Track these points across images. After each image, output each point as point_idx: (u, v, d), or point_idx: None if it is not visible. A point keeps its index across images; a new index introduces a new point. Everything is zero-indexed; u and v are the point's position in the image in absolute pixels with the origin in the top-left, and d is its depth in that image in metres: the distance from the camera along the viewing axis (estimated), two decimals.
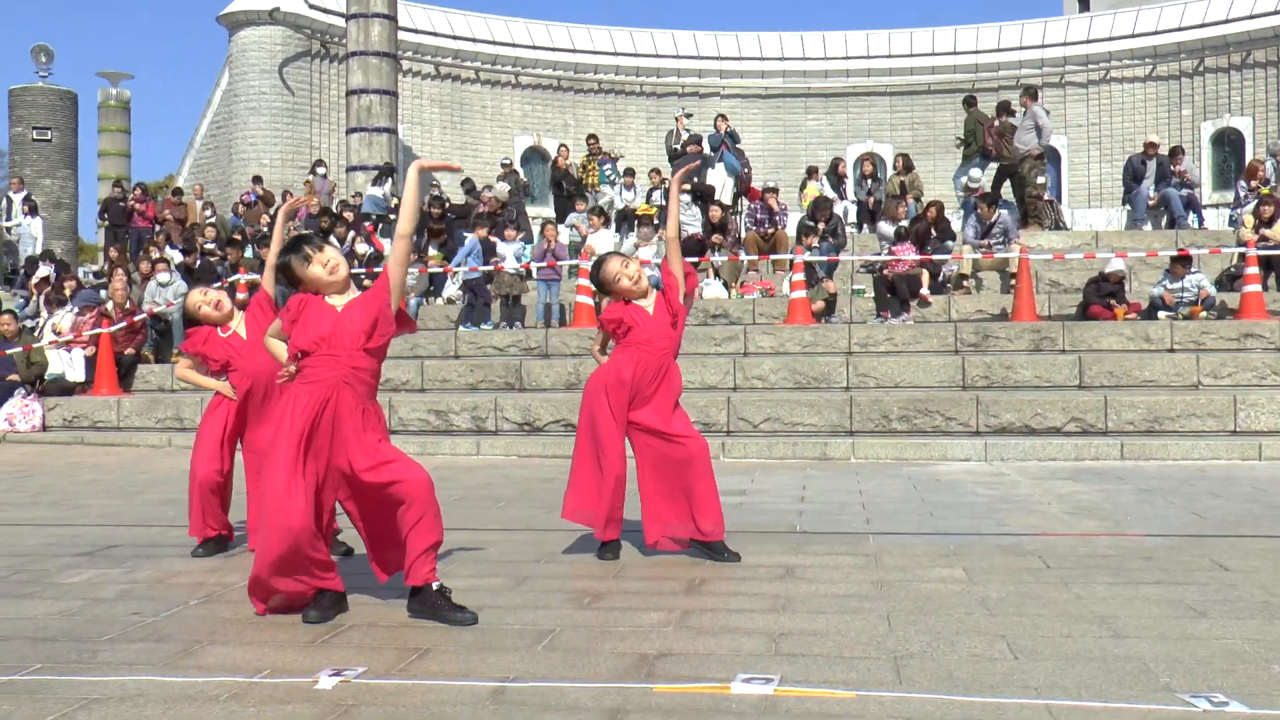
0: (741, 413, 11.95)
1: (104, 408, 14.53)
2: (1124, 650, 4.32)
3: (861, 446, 11.12)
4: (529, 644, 4.49)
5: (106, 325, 15.77)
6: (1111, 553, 6.25)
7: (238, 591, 5.48)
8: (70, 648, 4.52)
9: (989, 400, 11.60)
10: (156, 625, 4.88)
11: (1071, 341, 13.55)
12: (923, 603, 5.12)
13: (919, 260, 15.82)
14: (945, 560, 6.08)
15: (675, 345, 6.25)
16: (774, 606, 5.09)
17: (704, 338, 14.29)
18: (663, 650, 4.37)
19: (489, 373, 13.89)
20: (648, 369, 6.13)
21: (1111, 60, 30.81)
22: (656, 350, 6.15)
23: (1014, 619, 4.81)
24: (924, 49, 32.49)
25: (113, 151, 34.28)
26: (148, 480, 10.36)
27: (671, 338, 6.21)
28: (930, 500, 8.37)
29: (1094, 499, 8.32)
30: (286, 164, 29.28)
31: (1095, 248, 17.35)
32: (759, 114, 32.88)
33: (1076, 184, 30.98)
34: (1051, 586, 5.42)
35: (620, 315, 6.21)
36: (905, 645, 4.41)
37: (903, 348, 13.80)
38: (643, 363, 6.13)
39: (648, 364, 6.13)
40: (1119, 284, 14.92)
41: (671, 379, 6.19)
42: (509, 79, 32.49)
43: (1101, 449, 10.73)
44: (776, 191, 19.59)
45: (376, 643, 4.54)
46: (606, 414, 6.11)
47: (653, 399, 6.13)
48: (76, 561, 6.36)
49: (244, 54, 29.76)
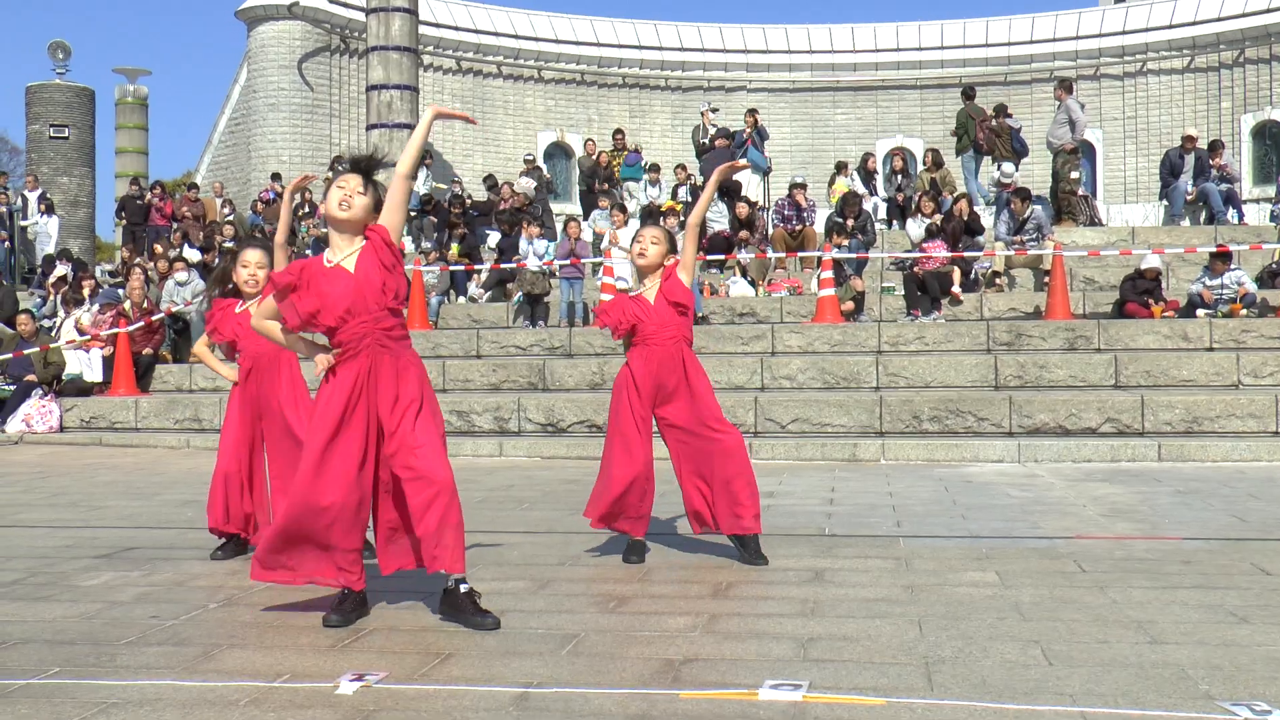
0: (769, 413, 11.94)
1: (122, 408, 14.62)
2: (1162, 656, 4.29)
3: (892, 447, 11.09)
4: (553, 649, 4.49)
5: (124, 325, 15.85)
6: (1149, 556, 6.21)
7: (258, 595, 5.50)
8: (89, 651, 4.55)
9: (1022, 400, 11.56)
10: (175, 628, 4.90)
11: (1107, 340, 13.48)
12: (954, 607, 5.10)
13: (950, 257, 15.78)
14: (978, 564, 6.06)
15: (685, 333, 6.16)
16: (803, 611, 5.08)
17: (731, 337, 14.28)
18: (689, 655, 4.37)
19: (511, 372, 13.91)
20: (663, 362, 6.10)
21: (1148, 52, 30.66)
22: (666, 341, 6.10)
23: (1048, 624, 4.78)
24: (955, 41, 32.43)
25: (130, 149, 34.47)
26: (166, 481, 10.41)
27: (679, 324, 6.13)
28: (962, 502, 8.34)
29: (1130, 501, 8.27)
30: (306, 161, 29.41)
31: (1131, 244, 17.26)
32: (786, 108, 32.85)
33: (1112, 179, 30.85)
34: (1087, 591, 5.39)
35: (620, 317, 6.18)
36: (937, 651, 4.40)
37: (934, 347, 13.76)
38: (655, 357, 6.11)
39: (662, 358, 6.10)
40: (1155, 281, 14.84)
41: (692, 369, 6.14)
42: (531, 73, 32.56)
43: (1138, 450, 10.67)
44: (804, 187, 19.55)
45: (398, 647, 4.55)
46: (628, 413, 6.11)
47: (677, 392, 6.10)
48: (95, 564, 6.40)
49: (263, 49, 29.90)
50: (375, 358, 4.83)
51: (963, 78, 31.95)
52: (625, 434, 6.11)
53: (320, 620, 4.90)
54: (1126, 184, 30.63)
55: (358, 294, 4.81)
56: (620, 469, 6.10)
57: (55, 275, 20.60)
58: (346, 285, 4.82)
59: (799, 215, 18.94)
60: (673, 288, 6.12)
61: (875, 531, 7.13)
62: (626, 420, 6.11)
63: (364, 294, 4.81)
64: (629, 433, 6.10)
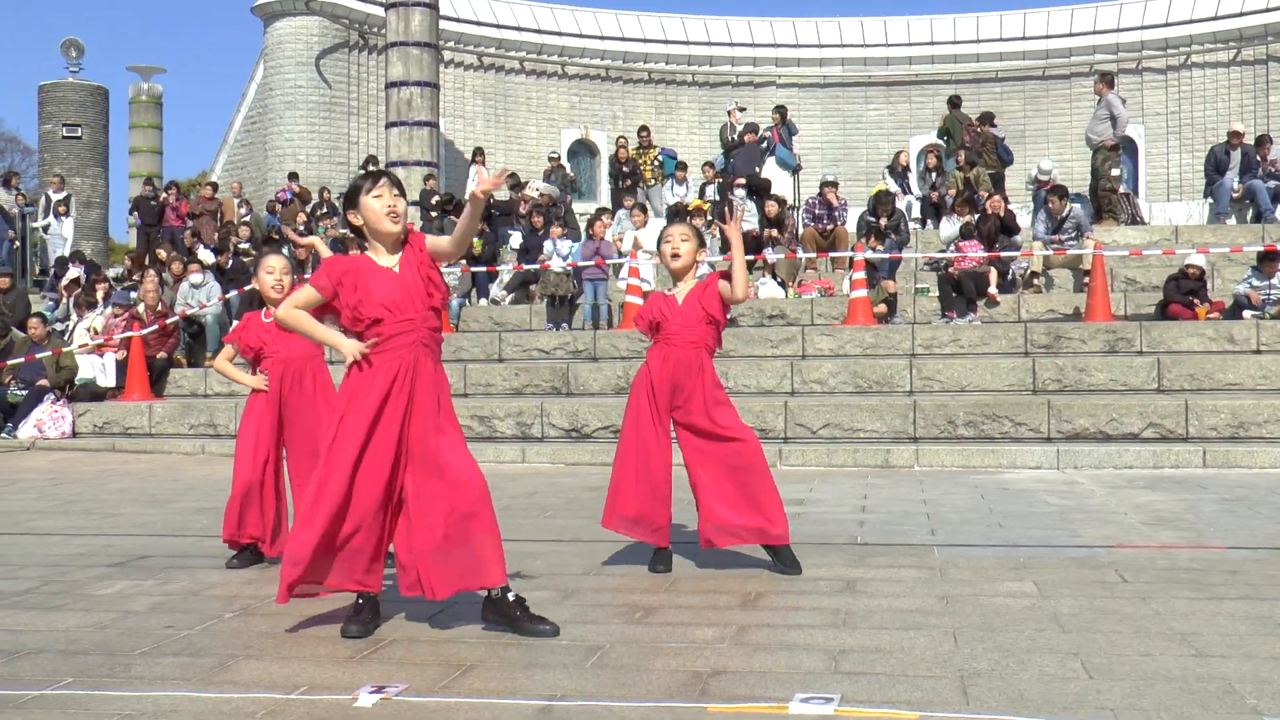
0: (799, 418, 11.92)
1: (135, 413, 14.71)
2: (1207, 670, 4.27)
3: (926, 453, 11.06)
4: (577, 660, 4.49)
5: (137, 328, 15.94)
6: (1193, 566, 6.18)
7: (273, 604, 5.52)
8: (102, 661, 4.58)
9: (1061, 405, 11.51)
10: (190, 639, 4.93)
11: (1149, 342, 13.42)
12: (991, 618, 5.08)
13: (986, 257, 15.73)
14: (1015, 574, 6.04)
15: (708, 340, 6.12)
16: (834, 622, 5.07)
17: (760, 339, 14.28)
18: (717, 668, 4.37)
19: (534, 377, 13.94)
20: (680, 363, 6.06)
21: (1192, 44, 30.50)
22: (687, 343, 6.07)
23: (1088, 636, 4.76)
24: (991, 34, 32.34)
25: (144, 148, 34.69)
26: (181, 488, 10.47)
27: (703, 332, 6.08)
28: (999, 510, 8.31)
29: (1174, 509, 8.23)
30: (324, 160, 29.55)
31: (1175, 243, 17.18)
32: (817, 104, 32.83)
33: (1155, 176, 30.71)
34: (1128, 602, 5.37)
35: (649, 315, 6.17)
36: (972, 663, 4.39)
37: (969, 349, 13.72)
38: (674, 358, 6.08)
39: (680, 359, 6.07)
40: (1200, 281, 14.76)
41: (709, 375, 6.11)
42: (555, 69, 32.62)
43: (1182, 456, 10.62)
44: (836, 185, 19.51)
45: (419, 658, 4.56)
46: (647, 414, 6.10)
47: (693, 397, 6.08)
48: (108, 572, 6.44)
49: (279, 46, 30.05)
50: (419, 356, 4.90)
51: (999, 72, 31.91)
52: (642, 436, 6.09)
53: (339, 631, 4.92)
54: (1170, 181, 30.48)
55: (404, 291, 4.89)
56: (633, 475, 6.09)
57: (68, 278, 20.74)
58: (393, 282, 4.91)
59: (830, 214, 18.92)
60: (711, 299, 6.06)
61: (909, 540, 7.11)
62: (646, 422, 6.09)
63: (410, 292, 4.90)
64: (646, 435, 6.08)
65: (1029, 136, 30.81)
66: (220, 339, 16.69)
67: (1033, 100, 31.80)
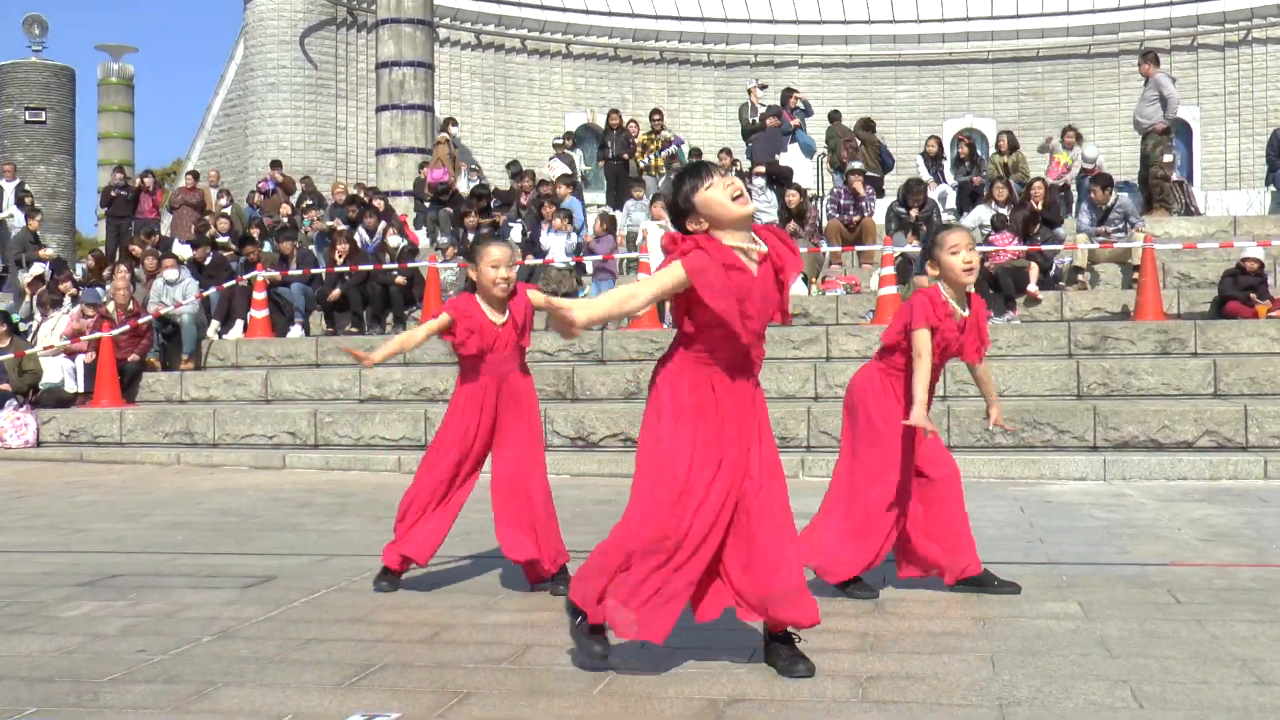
0: (824, 425, 11.92)
1: (105, 420, 14.73)
2: (1271, 700, 4.26)
3: (961, 464, 10.96)
4: (583, 688, 4.50)
5: (108, 329, 15.94)
6: (1254, 585, 6.17)
7: (255, 626, 5.54)
8: (69, 689, 4.58)
9: (1108, 411, 11.50)
10: (165, 664, 4.94)
11: (1205, 343, 13.39)
12: (1032, 642, 5.08)
13: (1025, 250, 15.71)
14: (1058, 593, 6.03)
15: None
16: (861, 645, 5.07)
17: (781, 340, 14.28)
18: (735, 695, 4.37)
19: (537, 381, 13.89)
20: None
21: (1254, 18, 30.40)
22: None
23: (1138, 661, 4.76)
24: (1032, 9, 32.25)
25: (115, 134, 34.81)
26: (154, 501, 10.48)
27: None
28: (1040, 525, 8.30)
29: (1233, 523, 8.22)
30: (309, 146, 29.59)
31: (1233, 235, 17.14)
32: (842, 85, 32.79)
33: (1211, 162, 30.62)
34: (1183, 624, 5.36)
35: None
36: (1012, 691, 4.38)
37: (1008, 351, 13.70)
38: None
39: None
40: (1260, 276, 14.72)
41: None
42: (559, 48, 32.64)
43: (1241, 466, 10.60)
44: (862, 173, 19.49)
45: (412, 685, 4.57)
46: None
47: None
48: (76, 592, 6.45)
49: (261, 23, 30.10)
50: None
51: (1040, 50, 31.85)
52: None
53: (326, 655, 4.92)
54: (1228, 168, 30.39)
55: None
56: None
57: (32, 275, 20.77)
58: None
59: (856, 205, 18.88)
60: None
61: None
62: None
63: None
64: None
65: (1073, 119, 30.73)
66: (197, 340, 16.78)
67: (1077, 81, 31.72)
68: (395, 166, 25.80)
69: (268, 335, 17.21)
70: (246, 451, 13.60)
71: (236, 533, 8.53)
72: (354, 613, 5.81)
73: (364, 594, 6.25)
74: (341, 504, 10.04)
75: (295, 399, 14.95)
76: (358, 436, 13.48)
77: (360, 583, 6.52)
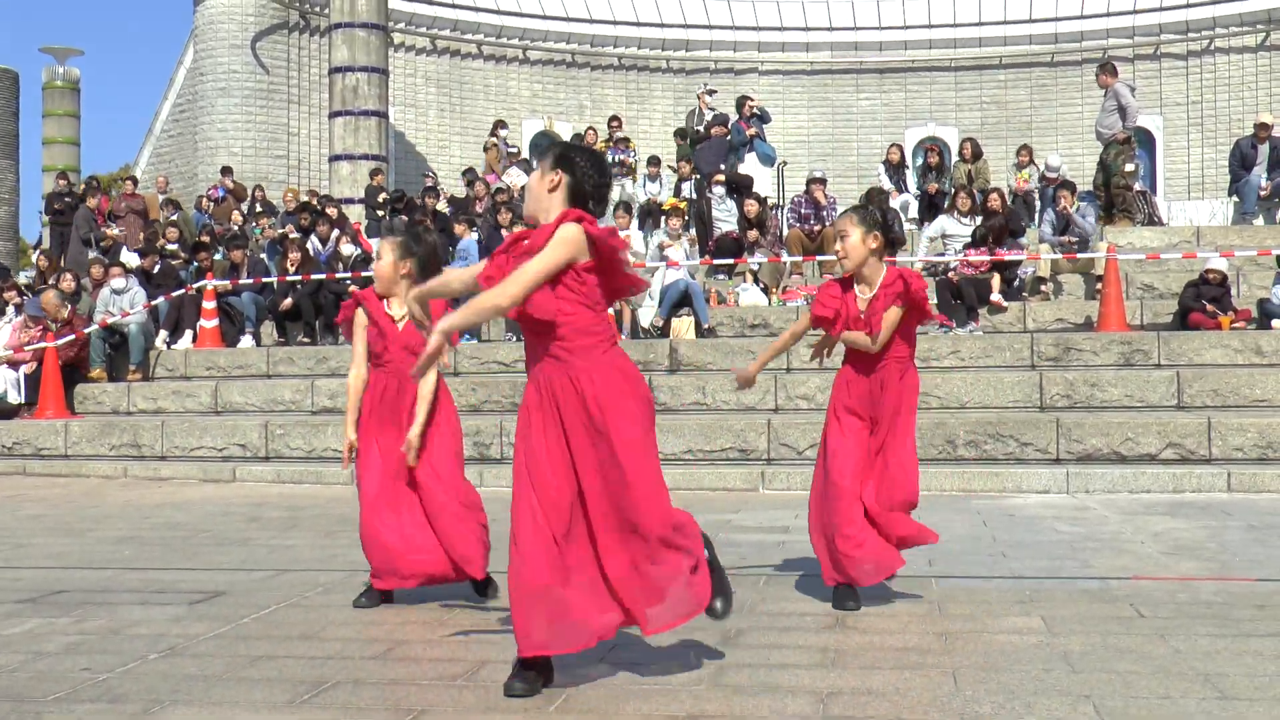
0: (784, 437, 11.94)
1: (50, 432, 14.61)
2: (1234, 714, 4.29)
3: (923, 476, 11.00)
4: (539, 704, 4.49)
5: (51, 339, 15.81)
6: (1217, 600, 6.21)
7: (203, 643, 5.50)
8: (10, 709, 4.54)
9: (1071, 423, 11.56)
10: (110, 683, 4.90)
11: (1168, 355, 13.49)
12: (994, 657, 5.10)
13: (989, 261, 15.78)
14: (1020, 608, 6.06)
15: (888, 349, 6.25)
16: (822, 661, 5.08)
17: (741, 350, 14.29)
18: (694, 712, 4.37)
19: (493, 392, 13.92)
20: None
21: (1216, 28, 30.71)
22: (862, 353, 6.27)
23: (1101, 676, 4.78)
24: (995, 17, 32.47)
25: (59, 139, 34.54)
26: (100, 515, 10.40)
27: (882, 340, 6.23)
28: (1003, 538, 8.34)
29: (1196, 537, 8.27)
30: (260, 153, 29.45)
31: (1196, 246, 17.27)
32: (803, 93, 32.93)
33: (1174, 172, 30.89)
34: (1145, 639, 5.39)
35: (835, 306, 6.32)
36: (974, 707, 4.40)
37: (970, 362, 13.76)
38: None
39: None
40: (1223, 287, 14.84)
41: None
42: (516, 54, 32.64)
43: (1204, 479, 10.67)
44: (824, 182, 19.55)
45: (365, 702, 4.55)
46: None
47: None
48: (17, 609, 6.39)
49: (211, 26, 29.96)
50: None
51: (1003, 58, 32.07)
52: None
53: (276, 673, 4.89)
54: (1190, 177, 30.65)
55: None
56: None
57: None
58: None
59: (817, 214, 18.95)
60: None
61: (904, 572, 7.10)
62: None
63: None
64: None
65: (1036, 128, 30.97)
66: (145, 351, 16.64)
67: (1040, 89, 31.96)
68: (349, 173, 25.72)
69: (218, 345, 17.11)
70: (195, 464, 13.51)
71: (185, 547, 8.47)
72: (305, 629, 5.78)
73: (315, 610, 6.22)
74: (293, 518, 9.98)
75: (246, 410, 14.86)
76: (310, 449, 13.41)
77: (312, 598, 6.49)
